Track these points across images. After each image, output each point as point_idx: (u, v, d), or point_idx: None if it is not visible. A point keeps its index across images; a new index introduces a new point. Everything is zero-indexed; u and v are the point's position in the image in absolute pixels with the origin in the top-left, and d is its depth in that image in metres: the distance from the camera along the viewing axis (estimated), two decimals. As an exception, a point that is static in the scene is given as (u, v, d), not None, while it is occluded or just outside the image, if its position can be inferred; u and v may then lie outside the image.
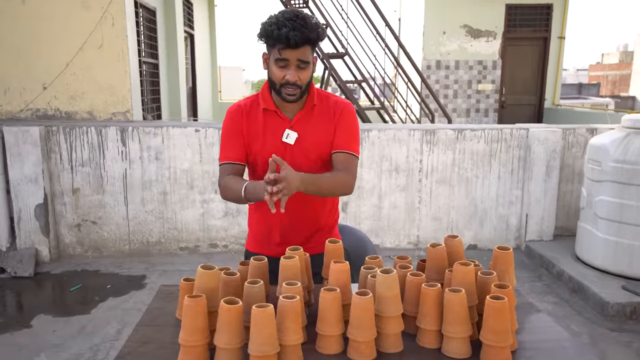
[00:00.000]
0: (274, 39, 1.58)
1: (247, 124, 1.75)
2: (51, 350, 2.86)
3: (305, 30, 1.56)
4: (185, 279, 1.48)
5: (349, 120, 1.78)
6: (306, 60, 1.62)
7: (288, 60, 1.60)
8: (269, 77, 1.69)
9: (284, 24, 1.56)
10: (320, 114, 1.76)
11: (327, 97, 1.80)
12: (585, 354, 1.32)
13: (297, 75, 1.62)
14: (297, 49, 1.58)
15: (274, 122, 1.74)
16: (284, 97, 1.67)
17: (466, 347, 1.28)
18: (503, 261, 1.44)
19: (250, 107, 1.77)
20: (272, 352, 1.19)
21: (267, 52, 1.68)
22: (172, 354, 1.28)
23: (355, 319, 1.27)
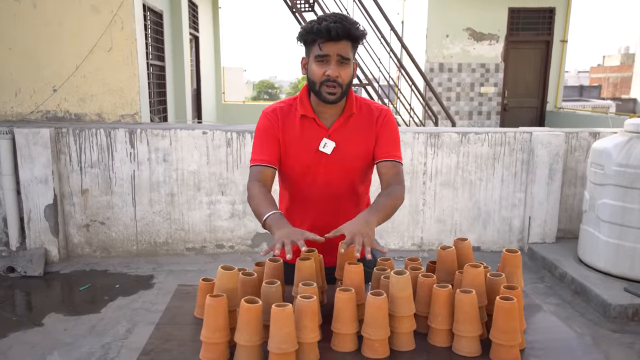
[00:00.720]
0: (314, 33, 1.57)
1: (282, 129, 1.71)
2: (63, 348, 2.91)
3: (345, 23, 1.56)
4: (204, 279, 1.53)
5: (391, 128, 1.75)
6: (346, 57, 1.59)
7: (328, 56, 1.58)
8: (309, 78, 1.66)
9: (324, 18, 1.58)
10: (360, 122, 1.72)
11: (366, 104, 1.77)
12: (593, 353, 1.37)
13: (338, 71, 1.59)
14: (337, 43, 1.56)
15: (311, 130, 1.70)
16: (324, 97, 1.62)
17: (476, 345, 1.33)
18: (511, 263, 1.49)
19: (287, 112, 1.73)
20: (291, 350, 1.24)
21: (305, 56, 1.67)
22: (194, 351, 1.34)
23: (370, 318, 1.32)
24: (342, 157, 1.71)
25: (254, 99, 31.65)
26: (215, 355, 1.29)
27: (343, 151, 1.71)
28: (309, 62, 1.64)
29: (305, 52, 1.66)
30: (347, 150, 1.71)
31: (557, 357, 1.33)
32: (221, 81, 10.90)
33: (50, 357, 2.82)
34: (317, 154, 1.70)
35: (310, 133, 1.70)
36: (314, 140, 1.70)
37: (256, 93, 37.97)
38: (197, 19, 8.37)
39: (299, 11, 6.73)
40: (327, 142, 1.70)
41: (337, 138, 1.70)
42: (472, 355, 1.32)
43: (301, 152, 1.71)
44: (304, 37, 1.62)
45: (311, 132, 1.70)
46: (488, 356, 1.31)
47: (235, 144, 4.26)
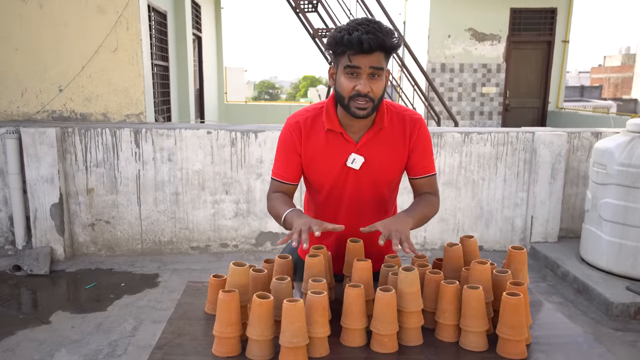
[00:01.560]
0: (344, 44, 1.42)
1: (305, 143, 1.62)
2: (71, 345, 2.94)
3: (379, 34, 1.42)
4: (215, 276, 1.56)
5: (425, 141, 1.65)
6: (379, 67, 1.45)
7: (359, 68, 1.44)
8: (336, 90, 1.53)
9: (355, 28, 1.43)
10: (391, 135, 1.61)
11: (397, 114, 1.64)
12: (598, 348, 1.39)
13: (369, 86, 1.46)
14: (369, 55, 1.43)
15: (338, 145, 1.59)
16: (354, 112, 1.50)
17: (483, 340, 1.36)
18: (517, 260, 1.52)
19: (311, 124, 1.62)
20: (303, 344, 1.26)
21: (334, 65, 1.54)
22: (206, 345, 1.37)
23: (379, 313, 1.34)
24: (371, 172, 1.62)
25: (254, 99, 31.69)
26: (227, 349, 1.32)
27: (372, 166, 1.61)
28: (337, 73, 1.51)
29: (333, 60, 1.53)
30: (377, 165, 1.61)
31: (563, 352, 1.36)
32: (223, 81, 10.94)
33: (58, 354, 2.85)
34: (345, 169, 1.61)
35: (337, 147, 1.60)
36: (341, 155, 1.59)
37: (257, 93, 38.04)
38: (199, 19, 8.40)
39: (302, 11, 6.76)
40: (355, 157, 1.60)
41: (366, 152, 1.60)
42: (479, 350, 1.35)
43: (327, 167, 1.62)
44: (333, 47, 1.48)
45: (338, 146, 1.60)
46: (495, 351, 1.34)
47: (239, 143, 4.29)
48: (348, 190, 1.66)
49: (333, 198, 1.68)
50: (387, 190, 1.70)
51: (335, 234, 1.69)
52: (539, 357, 1.33)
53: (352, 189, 1.65)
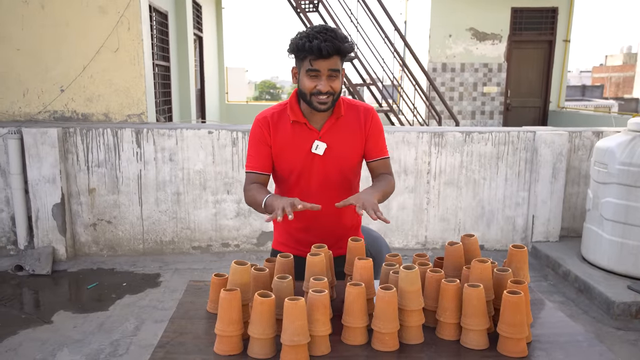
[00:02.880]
0: (306, 51, 1.63)
1: (274, 135, 1.79)
2: (73, 345, 2.95)
3: (335, 41, 1.63)
4: (216, 275, 1.56)
5: (377, 127, 1.86)
6: (336, 69, 1.68)
7: (319, 71, 1.66)
8: (300, 89, 1.74)
9: (314, 36, 1.63)
10: (348, 124, 1.82)
11: (352, 105, 1.86)
12: (598, 346, 1.40)
13: (329, 85, 1.68)
14: (328, 59, 1.64)
15: (302, 134, 1.79)
16: (316, 107, 1.71)
17: (484, 338, 1.36)
18: (518, 259, 1.52)
19: (278, 118, 1.81)
20: (304, 342, 1.27)
21: (296, 67, 1.74)
22: (208, 344, 1.37)
23: (380, 311, 1.35)
24: (334, 157, 1.80)
25: (255, 99, 31.68)
26: (229, 347, 1.33)
27: (334, 151, 1.80)
28: (300, 73, 1.72)
29: (296, 62, 1.74)
30: (339, 150, 1.80)
31: (563, 350, 1.36)
32: (224, 81, 10.94)
33: (61, 353, 2.86)
34: (310, 155, 1.79)
35: (302, 137, 1.78)
36: (306, 143, 1.78)
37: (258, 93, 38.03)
38: (201, 20, 8.41)
39: (303, 12, 6.76)
40: (318, 144, 1.78)
41: (328, 139, 1.79)
42: (479, 348, 1.35)
43: (294, 156, 1.79)
44: (295, 52, 1.69)
45: (302, 135, 1.79)
46: (495, 349, 1.34)
47: (240, 143, 4.30)
48: (315, 175, 1.82)
49: (302, 184, 1.83)
50: (350, 174, 1.87)
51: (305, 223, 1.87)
52: (540, 355, 1.34)
53: (318, 174, 1.82)
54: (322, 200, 1.78)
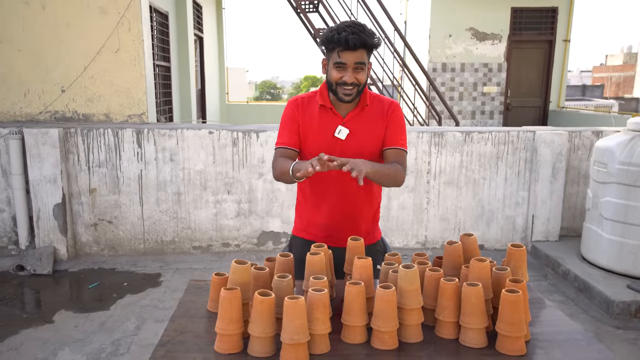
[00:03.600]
0: (334, 42, 1.73)
1: (302, 116, 1.90)
2: (74, 344, 2.96)
3: (362, 35, 1.72)
4: (217, 274, 1.57)
5: (399, 118, 1.92)
6: (362, 62, 1.76)
7: (346, 63, 1.74)
8: (327, 79, 1.85)
9: (343, 29, 1.73)
10: (372, 114, 1.90)
11: (378, 98, 1.94)
12: (596, 345, 1.40)
13: (354, 77, 1.76)
14: (354, 52, 1.73)
15: (328, 118, 1.88)
16: (341, 97, 1.80)
17: (483, 337, 1.37)
18: (516, 258, 1.53)
19: (308, 102, 1.92)
20: (304, 340, 1.28)
21: (326, 58, 1.85)
22: (209, 342, 1.38)
23: (379, 310, 1.36)
24: (355, 143, 1.86)
25: (256, 99, 31.69)
26: (229, 346, 1.34)
27: (356, 137, 1.87)
28: (329, 65, 1.82)
29: (326, 54, 1.85)
30: (360, 137, 1.87)
31: (561, 348, 1.37)
32: (225, 81, 10.95)
33: (62, 352, 2.87)
34: (333, 139, 1.87)
35: (327, 120, 1.88)
36: (330, 127, 1.87)
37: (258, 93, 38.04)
38: (201, 20, 8.42)
39: (303, 12, 6.77)
40: (341, 128, 1.86)
41: (351, 126, 1.87)
42: (478, 347, 1.36)
43: (318, 138, 1.87)
44: (325, 44, 1.79)
45: (327, 120, 1.88)
46: (494, 348, 1.35)
47: (241, 143, 4.31)
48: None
49: None
50: None
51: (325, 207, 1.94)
52: (538, 354, 1.35)
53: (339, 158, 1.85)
54: (340, 186, 1.88)
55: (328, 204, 1.93)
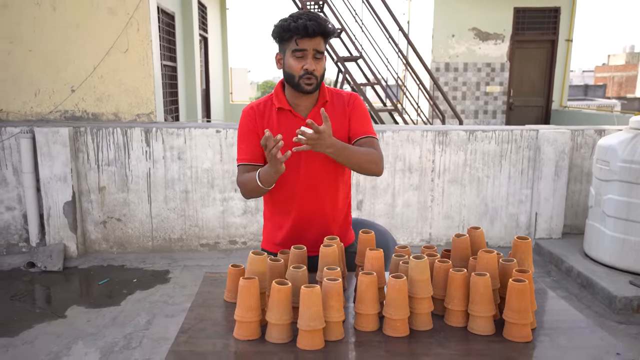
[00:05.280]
0: (291, 30, 1.67)
1: (260, 124, 1.80)
2: (88, 338, 3.03)
3: (320, 21, 1.69)
4: (233, 265, 1.63)
5: (361, 108, 1.86)
6: (321, 51, 1.71)
7: (306, 50, 1.68)
8: (286, 72, 1.75)
9: (299, 17, 1.69)
10: (333, 110, 1.83)
11: (336, 93, 1.88)
12: (599, 332, 1.46)
13: (314, 65, 1.70)
14: (313, 39, 1.68)
15: (289, 121, 1.79)
16: (303, 88, 1.72)
17: (490, 325, 1.43)
18: (522, 250, 1.59)
19: (264, 108, 1.83)
20: (319, 327, 1.34)
21: (280, 52, 1.76)
22: (227, 330, 1.44)
23: (391, 299, 1.42)
24: None
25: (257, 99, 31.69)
26: (248, 332, 1.40)
27: None
28: (285, 57, 1.73)
29: (280, 48, 1.76)
30: None
31: (566, 335, 1.43)
32: (229, 81, 11.02)
33: (76, 346, 2.94)
34: (296, 143, 1.74)
35: (288, 124, 1.79)
36: (292, 129, 1.74)
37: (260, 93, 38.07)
38: (206, 20, 8.49)
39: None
40: (304, 130, 1.76)
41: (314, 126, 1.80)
42: (486, 334, 1.42)
43: None
44: (280, 34, 1.71)
45: (289, 122, 1.79)
46: (501, 335, 1.41)
47: (248, 142, 4.36)
48: (302, 165, 1.81)
49: (289, 175, 1.79)
50: (338, 165, 1.82)
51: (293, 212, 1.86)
52: (544, 340, 1.40)
53: (305, 163, 1.81)
54: (308, 188, 1.80)
55: (295, 211, 1.84)
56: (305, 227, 1.86)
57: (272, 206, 1.92)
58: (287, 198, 1.85)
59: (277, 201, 1.89)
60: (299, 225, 1.86)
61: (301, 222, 1.86)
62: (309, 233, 1.85)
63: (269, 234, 1.96)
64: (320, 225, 1.87)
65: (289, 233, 1.88)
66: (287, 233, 1.88)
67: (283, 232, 1.89)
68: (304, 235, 1.85)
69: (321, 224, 1.87)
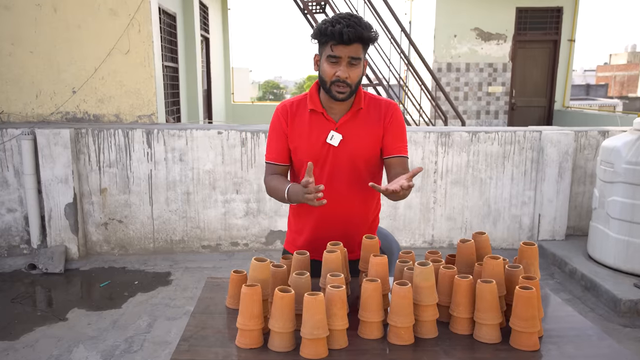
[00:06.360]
0: (328, 35, 1.62)
1: (291, 124, 1.79)
2: (88, 341, 3.01)
3: (358, 27, 1.61)
4: (235, 271, 1.61)
5: (398, 122, 1.81)
6: (357, 57, 1.65)
7: (340, 57, 1.64)
8: (320, 76, 1.72)
9: (338, 21, 1.62)
10: (368, 117, 1.78)
11: (374, 100, 1.83)
12: (608, 340, 1.44)
13: (348, 72, 1.65)
14: (349, 46, 1.62)
15: (320, 123, 1.77)
16: (334, 95, 1.69)
17: (497, 332, 1.41)
18: (528, 255, 1.57)
19: (297, 107, 1.80)
20: (323, 336, 1.32)
21: (318, 53, 1.72)
22: (230, 337, 1.42)
23: (396, 306, 1.39)
24: (349, 149, 1.76)
25: (259, 99, 31.75)
26: (250, 341, 1.38)
27: (350, 144, 1.76)
28: (321, 60, 1.70)
29: (318, 49, 1.73)
30: (354, 143, 1.76)
31: (574, 344, 1.40)
32: (230, 82, 11.00)
33: (77, 350, 2.92)
34: (325, 146, 1.76)
35: (319, 126, 1.77)
36: (322, 133, 1.76)
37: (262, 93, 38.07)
38: (207, 21, 8.47)
39: (310, 12, 6.81)
40: (334, 134, 1.76)
41: (345, 131, 1.76)
42: (493, 342, 1.40)
43: (309, 145, 1.77)
44: (317, 37, 1.68)
45: (319, 125, 1.77)
46: (508, 343, 1.39)
47: (249, 143, 4.35)
48: (328, 169, 1.79)
49: (315, 177, 1.76)
50: (363, 170, 1.81)
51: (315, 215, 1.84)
52: (551, 349, 1.38)
53: (331, 168, 1.78)
54: (331, 194, 1.72)
55: (315, 215, 1.82)
56: (326, 231, 1.83)
57: (296, 209, 1.92)
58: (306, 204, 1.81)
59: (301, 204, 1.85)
60: (320, 228, 1.84)
61: (323, 225, 1.84)
62: (331, 236, 1.79)
63: (292, 235, 1.96)
64: (342, 229, 1.84)
65: (310, 236, 1.87)
66: (308, 236, 1.87)
67: (305, 235, 1.88)
68: (326, 238, 1.79)
69: (344, 228, 1.84)
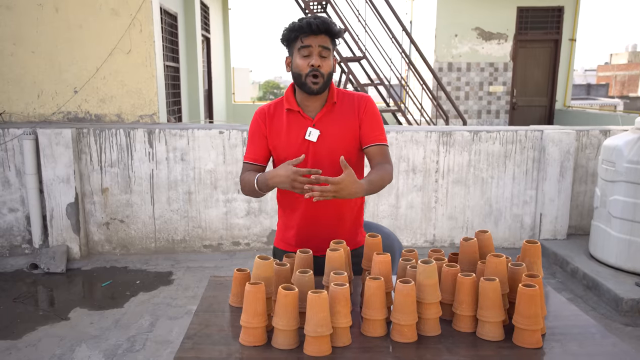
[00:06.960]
0: (297, 30, 1.73)
1: (270, 125, 1.86)
2: (91, 341, 3.01)
3: (324, 19, 1.73)
4: (238, 270, 1.62)
5: (373, 113, 1.87)
6: (327, 47, 1.74)
7: (311, 47, 1.73)
8: (294, 73, 1.79)
9: (305, 17, 1.75)
10: (342, 111, 1.85)
11: (347, 94, 1.89)
12: (611, 337, 1.44)
13: (320, 62, 1.73)
14: (318, 36, 1.72)
15: (297, 121, 1.84)
16: (309, 87, 1.76)
17: (500, 330, 1.41)
18: (531, 253, 1.57)
19: (274, 109, 1.88)
20: (327, 333, 1.32)
21: (289, 55, 1.81)
22: (233, 335, 1.43)
23: (399, 304, 1.40)
24: (327, 144, 1.82)
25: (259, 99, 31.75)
26: (254, 338, 1.38)
27: (328, 138, 1.82)
28: (293, 58, 1.78)
29: (289, 51, 1.81)
30: (332, 138, 1.82)
31: (577, 341, 1.41)
32: (231, 82, 11.01)
33: (79, 349, 2.93)
34: (304, 143, 1.82)
35: (296, 124, 1.83)
36: (300, 130, 1.82)
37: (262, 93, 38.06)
38: (208, 21, 8.48)
39: (312, 12, 6.81)
40: (311, 130, 1.82)
41: (322, 127, 1.82)
42: (496, 340, 1.40)
43: (289, 143, 1.83)
44: (287, 36, 1.77)
45: (297, 123, 1.83)
46: (511, 341, 1.39)
47: (251, 143, 4.35)
48: (309, 163, 1.83)
49: None
50: None
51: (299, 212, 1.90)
52: (554, 347, 1.38)
53: (313, 164, 1.83)
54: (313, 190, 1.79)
55: (301, 210, 1.88)
56: (313, 226, 1.89)
57: (282, 205, 1.97)
58: (295, 197, 1.87)
59: (286, 200, 1.94)
60: (307, 224, 1.89)
61: (309, 220, 1.88)
62: (318, 232, 1.88)
63: (281, 232, 2.00)
64: (328, 224, 1.89)
65: (298, 231, 1.91)
66: (296, 232, 1.92)
67: (293, 231, 1.93)
68: (313, 234, 1.88)
69: (330, 223, 1.89)
